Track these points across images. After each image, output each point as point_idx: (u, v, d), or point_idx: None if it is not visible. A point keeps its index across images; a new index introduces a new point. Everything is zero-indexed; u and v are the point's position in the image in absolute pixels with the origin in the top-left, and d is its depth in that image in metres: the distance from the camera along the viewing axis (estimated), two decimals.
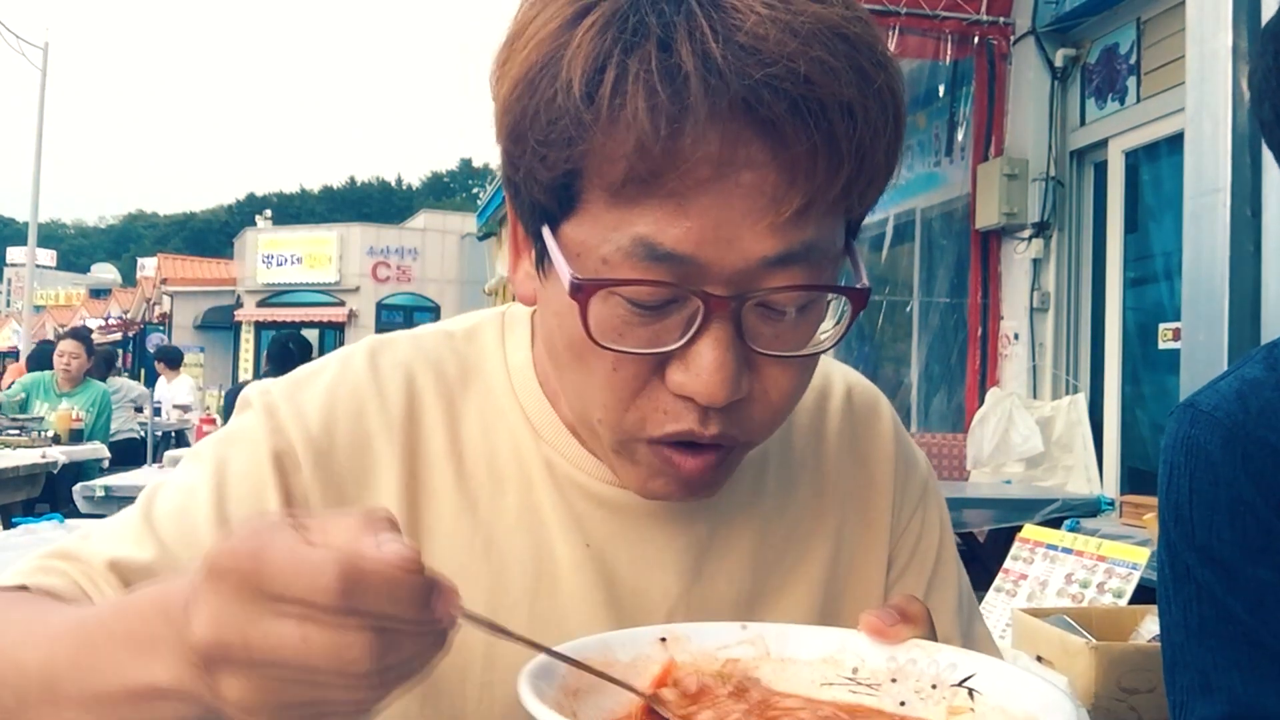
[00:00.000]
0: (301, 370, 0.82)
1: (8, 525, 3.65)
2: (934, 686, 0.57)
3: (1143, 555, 2.13)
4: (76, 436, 6.45)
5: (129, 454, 7.53)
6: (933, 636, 0.62)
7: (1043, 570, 2.34)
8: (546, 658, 0.56)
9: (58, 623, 0.60)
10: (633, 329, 0.65)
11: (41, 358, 7.89)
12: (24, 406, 6.77)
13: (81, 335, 7.28)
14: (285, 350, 6.29)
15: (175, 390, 10.51)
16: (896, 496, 0.89)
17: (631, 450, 0.70)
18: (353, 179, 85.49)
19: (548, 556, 0.77)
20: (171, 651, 0.51)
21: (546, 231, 0.67)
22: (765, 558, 0.82)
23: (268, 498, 0.74)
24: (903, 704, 0.59)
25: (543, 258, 0.69)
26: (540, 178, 0.64)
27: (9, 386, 7.25)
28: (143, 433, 8.15)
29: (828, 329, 0.68)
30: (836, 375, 0.92)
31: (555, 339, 0.70)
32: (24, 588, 0.69)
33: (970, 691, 0.56)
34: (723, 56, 0.58)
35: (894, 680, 0.59)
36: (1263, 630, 0.98)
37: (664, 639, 0.62)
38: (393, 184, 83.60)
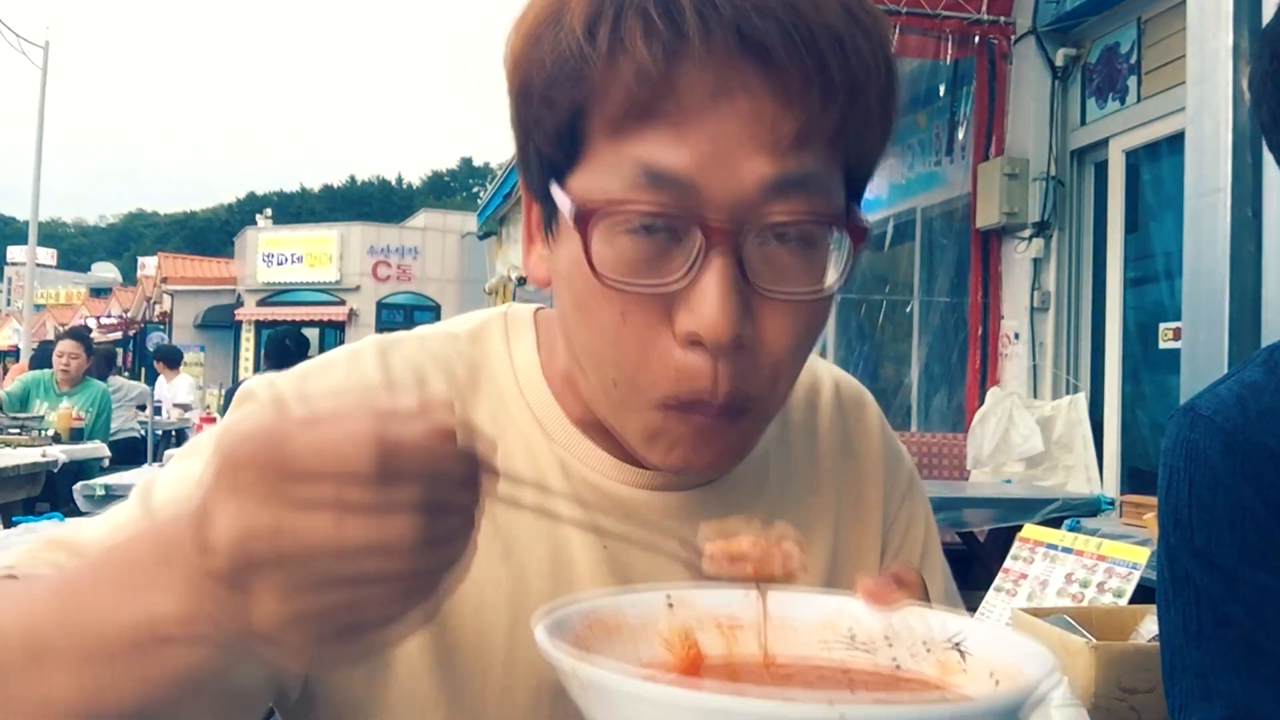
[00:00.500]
0: (307, 365, 0.82)
1: (8, 524, 3.65)
2: (927, 648, 0.59)
3: (1143, 555, 2.13)
4: (77, 435, 6.45)
5: (130, 453, 7.53)
6: (926, 596, 0.64)
7: (1043, 570, 2.34)
8: (560, 613, 0.57)
9: (40, 589, 0.56)
10: (636, 269, 0.65)
11: (44, 358, 7.89)
12: (24, 405, 6.77)
13: (80, 335, 7.28)
14: (282, 347, 6.28)
15: (176, 389, 10.51)
16: (886, 487, 0.90)
17: (647, 420, 0.70)
18: (353, 178, 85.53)
19: (565, 558, 0.77)
20: (177, 582, 0.46)
21: (554, 186, 0.68)
22: None
23: None
24: (896, 664, 0.62)
25: (551, 220, 0.70)
26: (547, 126, 0.66)
27: (9, 386, 7.25)
28: (143, 432, 8.15)
29: (831, 276, 0.68)
30: (824, 372, 0.93)
31: (566, 304, 0.71)
32: (12, 577, 0.66)
33: (960, 651, 0.58)
34: None
35: (888, 642, 0.61)
36: (1262, 635, 0.98)
37: (670, 603, 0.64)
38: (393, 183, 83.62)
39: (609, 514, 0.79)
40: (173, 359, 11.20)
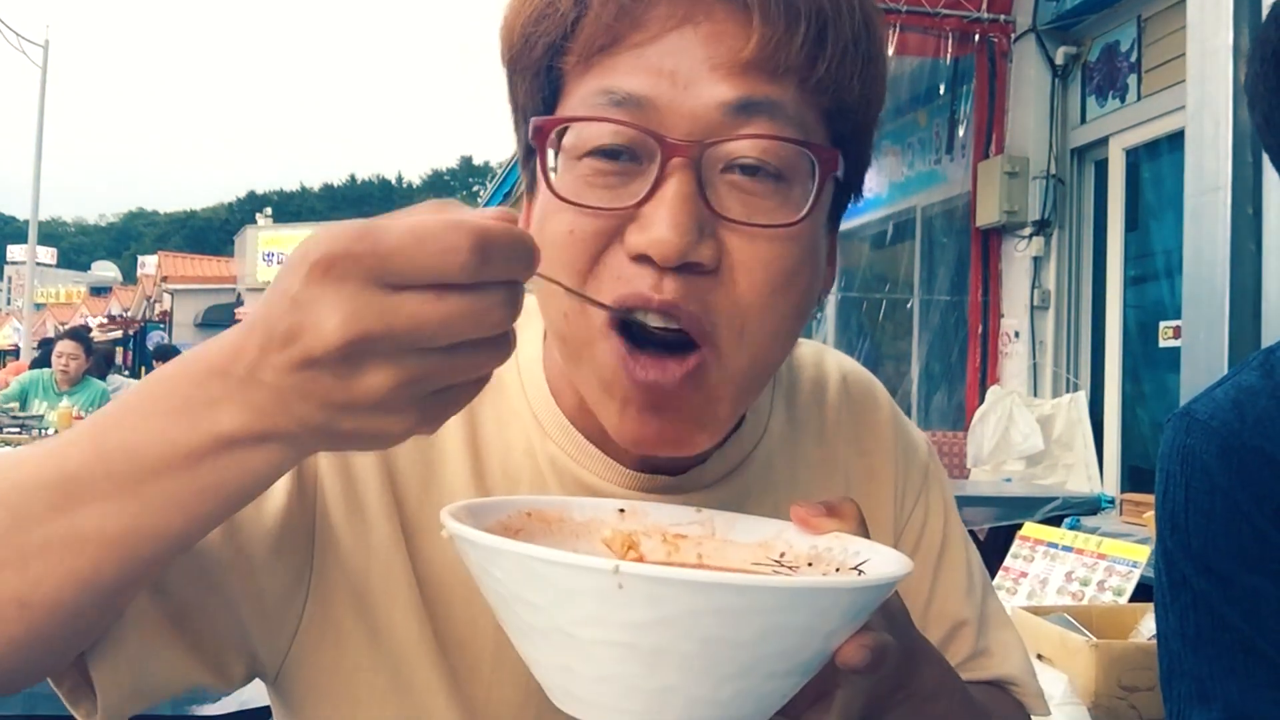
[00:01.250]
0: None
1: None
2: (836, 569, 0.64)
3: (1143, 553, 2.13)
4: None
5: None
6: (864, 534, 0.65)
7: (1043, 568, 2.34)
8: (497, 500, 0.65)
9: (65, 436, 0.54)
10: (596, 193, 0.65)
11: (48, 358, 7.88)
12: (23, 404, 6.77)
13: (79, 335, 7.27)
14: None
15: None
16: (898, 489, 0.89)
17: (599, 368, 0.67)
18: (353, 177, 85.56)
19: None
20: (237, 389, 0.48)
21: (534, 121, 0.68)
22: None
23: (280, 486, 0.72)
24: None
25: (534, 179, 0.71)
26: (528, 70, 0.69)
27: (8, 386, 7.25)
28: None
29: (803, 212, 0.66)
30: (830, 363, 0.91)
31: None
32: None
33: (860, 572, 0.62)
34: None
35: (810, 565, 0.66)
36: (1259, 638, 0.98)
37: (622, 510, 0.68)
38: (393, 182, 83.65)
39: None
40: (169, 359, 11.17)
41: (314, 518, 0.73)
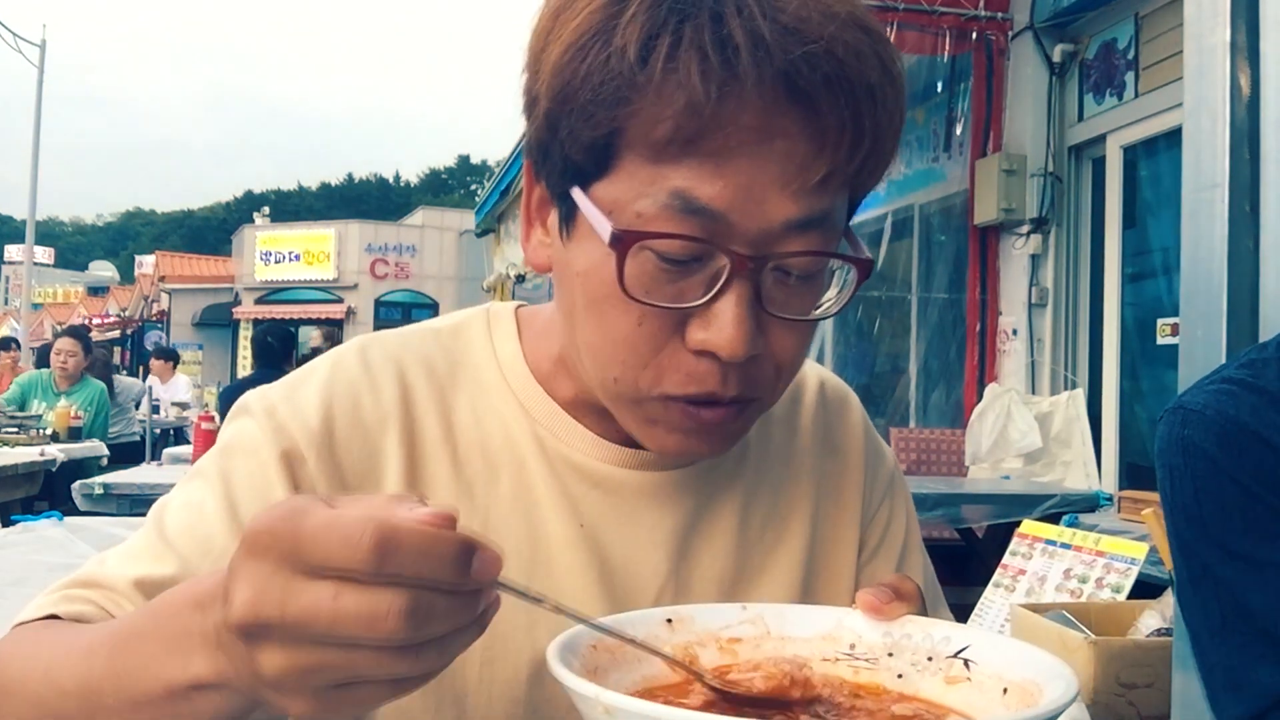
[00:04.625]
0: (296, 374, 0.85)
1: (7, 523, 3.64)
2: (930, 659, 0.59)
3: (1141, 550, 2.14)
4: (75, 434, 6.44)
5: (131, 455, 7.52)
6: (924, 613, 0.64)
7: (1041, 566, 2.35)
8: (574, 631, 0.58)
9: (90, 638, 0.61)
10: (659, 285, 0.68)
11: (44, 361, 7.88)
12: (22, 406, 6.76)
13: (78, 334, 7.26)
14: (265, 345, 6.25)
15: (174, 388, 10.49)
16: (867, 484, 0.93)
17: (648, 409, 0.73)
18: (350, 176, 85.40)
19: (542, 536, 0.80)
20: (207, 641, 0.52)
21: (578, 191, 0.70)
22: (747, 538, 0.86)
23: (277, 496, 0.75)
24: (900, 676, 0.61)
25: (568, 219, 0.72)
26: (582, 137, 0.68)
27: (7, 391, 7.24)
28: (141, 433, 8.13)
29: (830, 297, 0.74)
30: (809, 371, 0.96)
31: (576, 298, 0.73)
32: (54, 617, 0.70)
33: (966, 662, 0.57)
34: (770, 32, 0.64)
35: (890, 654, 0.61)
36: None
37: (670, 620, 0.65)
38: (390, 181, 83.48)
39: (587, 494, 0.81)
40: (166, 360, 11.15)
41: None
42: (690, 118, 0.64)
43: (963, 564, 4.11)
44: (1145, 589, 2.09)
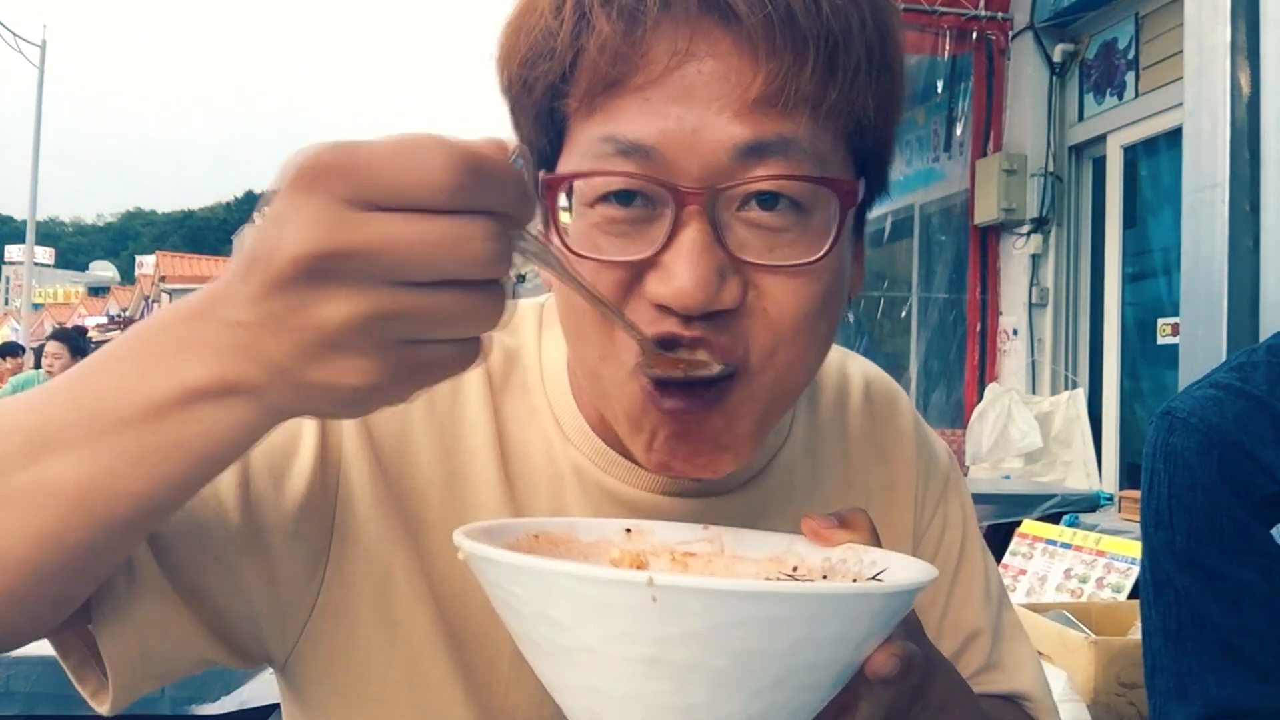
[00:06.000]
0: None
1: None
2: (854, 580, 0.62)
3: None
4: None
5: None
6: (876, 544, 0.64)
7: (1042, 565, 2.35)
8: (503, 522, 0.64)
9: (48, 385, 0.52)
10: (610, 241, 0.63)
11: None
12: None
13: (65, 337, 7.29)
14: None
15: None
16: (918, 498, 0.88)
17: (632, 407, 0.66)
18: None
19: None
20: (209, 346, 0.46)
21: (543, 174, 0.67)
22: None
23: (303, 444, 0.71)
24: None
25: (547, 214, 0.68)
26: (528, 110, 0.66)
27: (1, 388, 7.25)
28: None
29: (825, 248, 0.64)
30: (854, 369, 0.91)
31: (558, 302, 0.69)
32: None
33: (879, 581, 0.60)
34: None
35: (824, 577, 0.64)
36: (1239, 634, 1.00)
37: (629, 530, 0.67)
38: None
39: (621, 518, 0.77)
40: None
41: (335, 504, 0.71)
42: (605, 57, 0.61)
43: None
44: None
